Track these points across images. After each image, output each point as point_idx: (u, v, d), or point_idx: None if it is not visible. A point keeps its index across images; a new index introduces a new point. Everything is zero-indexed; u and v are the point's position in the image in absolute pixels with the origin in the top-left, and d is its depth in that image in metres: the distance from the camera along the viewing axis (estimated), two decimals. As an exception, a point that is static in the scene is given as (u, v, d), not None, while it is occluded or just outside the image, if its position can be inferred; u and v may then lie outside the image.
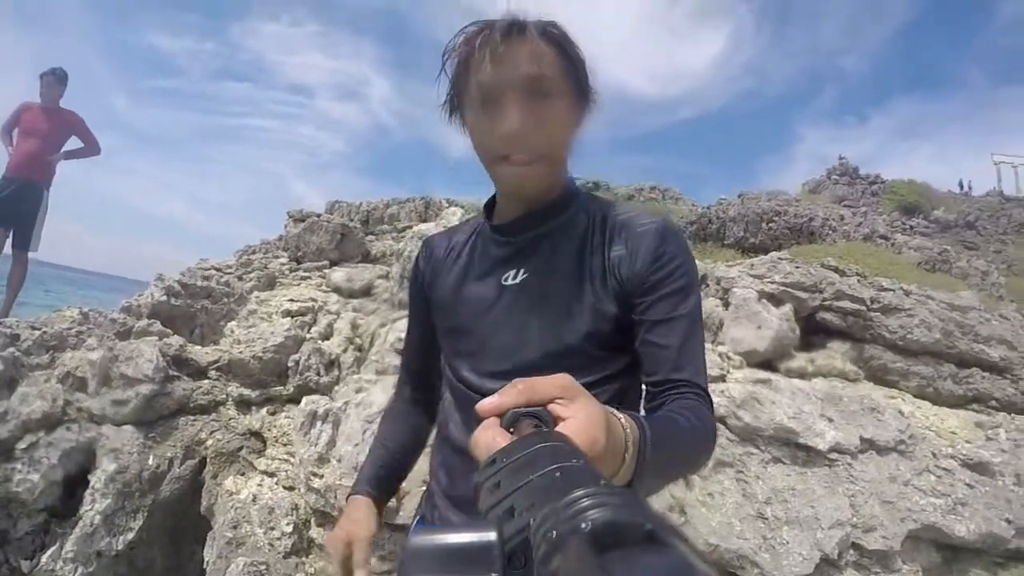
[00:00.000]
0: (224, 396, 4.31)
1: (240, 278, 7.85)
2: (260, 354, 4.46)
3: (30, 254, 6.23)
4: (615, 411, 0.78)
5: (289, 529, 3.29)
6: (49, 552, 3.27)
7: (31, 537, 3.33)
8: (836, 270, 6.99)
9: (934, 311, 6.37)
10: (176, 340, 4.45)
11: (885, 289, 6.61)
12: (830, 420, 3.85)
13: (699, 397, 1.08)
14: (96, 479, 3.50)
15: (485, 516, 0.52)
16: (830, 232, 9.93)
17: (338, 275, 7.01)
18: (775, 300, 6.25)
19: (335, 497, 3.21)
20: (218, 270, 8.27)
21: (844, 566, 3.33)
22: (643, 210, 1.25)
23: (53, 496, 3.47)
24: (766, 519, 3.33)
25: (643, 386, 1.18)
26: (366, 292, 6.77)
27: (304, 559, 3.24)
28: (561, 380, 0.70)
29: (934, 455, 3.95)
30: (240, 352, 4.49)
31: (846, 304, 6.30)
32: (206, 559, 3.34)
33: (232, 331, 5.05)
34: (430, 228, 5.37)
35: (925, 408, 5.43)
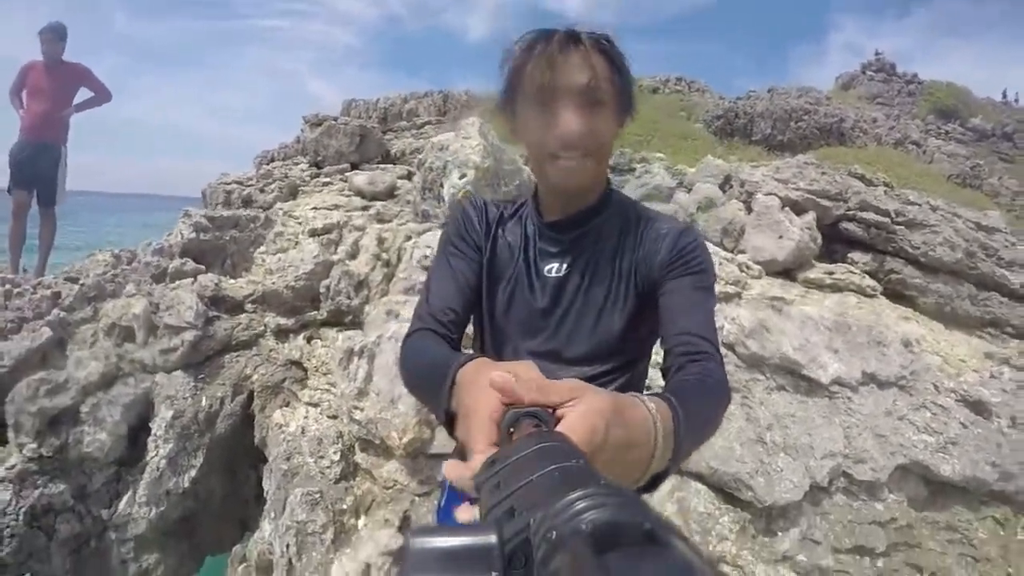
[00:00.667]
0: (262, 327, 4.42)
1: (262, 190, 7.79)
2: (292, 283, 4.53)
3: (56, 208, 6.29)
4: (641, 398, 0.82)
5: (336, 457, 3.48)
6: (124, 499, 3.51)
7: (106, 488, 3.55)
8: (863, 179, 6.83)
9: (959, 230, 6.25)
10: (211, 279, 4.52)
11: (911, 203, 6.45)
12: (835, 352, 3.86)
13: (714, 359, 1.17)
14: (157, 427, 3.68)
15: (485, 517, 0.53)
16: (861, 135, 9.64)
17: (360, 179, 6.95)
18: (798, 208, 6.13)
19: (376, 428, 3.34)
20: (239, 183, 8.19)
21: (833, 492, 3.46)
22: (666, 215, 1.40)
23: (120, 448, 3.65)
24: (765, 444, 3.43)
25: (662, 354, 1.26)
26: (389, 194, 6.73)
27: (352, 482, 3.41)
28: (571, 384, 0.72)
29: (935, 388, 3.98)
30: (273, 283, 4.56)
31: (870, 215, 6.19)
32: (265, 489, 3.57)
33: (263, 259, 5.11)
34: (448, 137, 5.27)
35: (937, 332, 5.42)
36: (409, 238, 5.05)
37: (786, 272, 5.74)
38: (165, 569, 3.54)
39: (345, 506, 3.21)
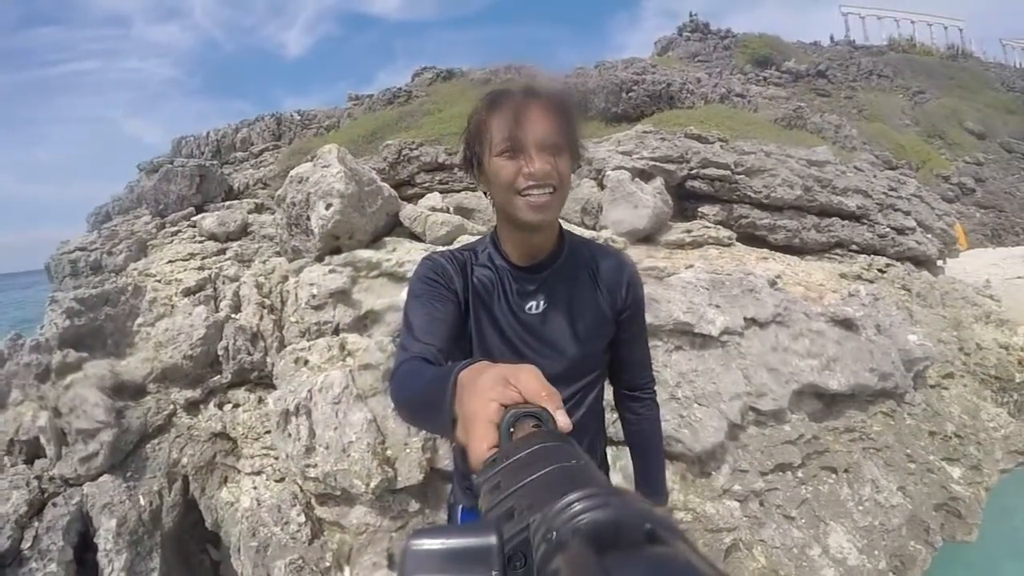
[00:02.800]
0: (171, 405, 4.37)
1: (110, 252, 7.48)
2: (189, 352, 4.52)
3: None
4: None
5: (302, 519, 3.57)
6: None
7: None
8: (699, 138, 7.54)
9: (794, 169, 7.09)
10: (103, 366, 4.39)
11: (747, 152, 7.25)
12: (717, 307, 4.41)
13: (653, 391, 1.86)
14: (103, 540, 3.57)
15: (485, 517, 0.55)
16: (688, 95, 10.45)
17: (209, 222, 6.89)
18: (646, 175, 6.74)
19: (336, 480, 3.47)
20: (83, 249, 7.82)
21: (746, 426, 4.02)
22: (605, 245, 1.77)
23: (74, 574, 3.50)
24: (679, 400, 3.92)
25: (618, 372, 1.81)
26: (242, 231, 6.69)
27: (323, 538, 3.52)
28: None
29: (807, 316, 4.63)
30: (170, 356, 4.53)
31: (712, 171, 6.92)
32: (237, 571, 3.57)
33: (148, 332, 5.00)
34: (306, 168, 5.34)
35: (794, 264, 6.17)
36: (286, 278, 5.13)
37: (647, 238, 6.32)
38: None
39: (328, 563, 3.35)
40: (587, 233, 5.64)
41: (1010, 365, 5.80)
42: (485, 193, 1.53)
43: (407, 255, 4.78)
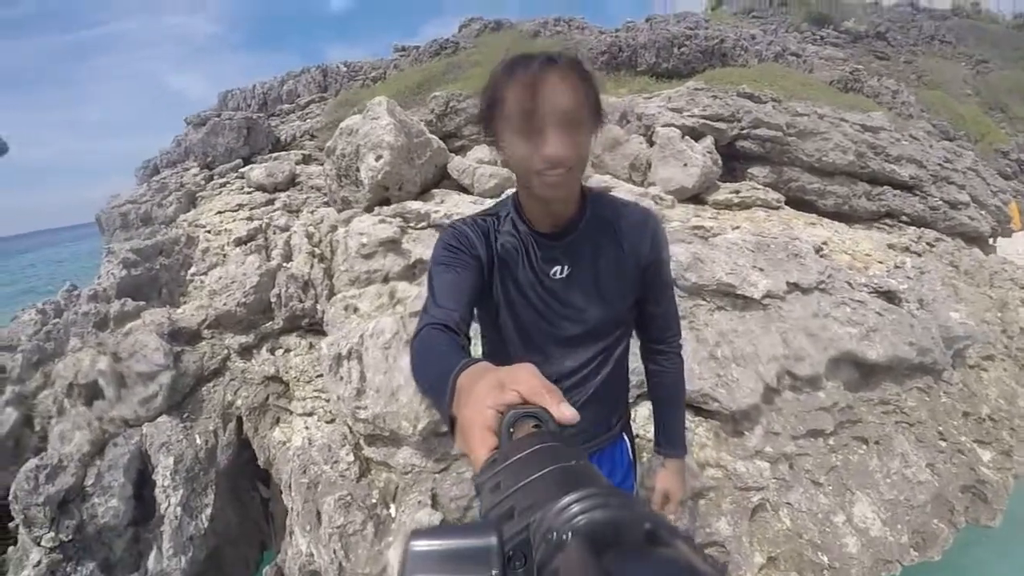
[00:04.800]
0: (225, 350, 4.61)
1: (160, 204, 7.71)
2: (243, 300, 4.74)
3: None
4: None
5: (351, 458, 3.79)
6: (151, 557, 3.63)
7: (128, 553, 3.62)
8: (752, 97, 7.54)
9: (848, 134, 7.10)
10: (160, 314, 4.62)
11: (800, 114, 7.25)
12: (761, 270, 4.55)
13: (678, 344, 1.96)
14: (161, 477, 3.82)
15: (485, 517, 0.56)
16: (742, 53, 10.39)
17: (257, 173, 7.11)
18: (695, 134, 6.83)
19: (385, 422, 3.67)
20: (133, 203, 8.08)
21: (782, 390, 4.18)
22: (629, 203, 1.78)
23: (132, 509, 3.73)
24: (717, 359, 4.09)
25: (646, 328, 1.94)
26: (290, 182, 6.86)
27: (371, 477, 3.75)
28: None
29: (850, 286, 4.75)
30: (224, 303, 4.75)
31: (764, 131, 6.97)
32: (288, 506, 3.80)
33: (201, 281, 5.28)
34: (356, 120, 5.45)
35: (842, 232, 6.24)
36: (335, 228, 5.32)
37: (695, 197, 6.45)
38: (204, 611, 3.73)
39: (374, 500, 3.57)
40: (636, 190, 5.75)
41: (1053, 352, 5.83)
42: (502, 159, 1.56)
43: (455, 207, 4.93)
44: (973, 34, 26.01)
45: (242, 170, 7.68)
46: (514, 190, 1.68)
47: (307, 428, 4.05)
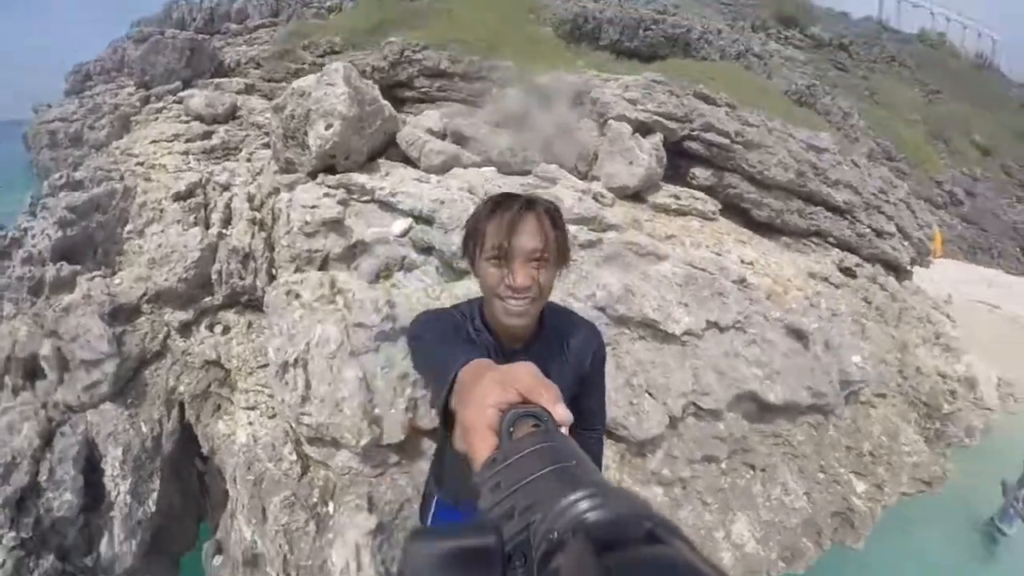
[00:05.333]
0: (165, 328, 4.56)
1: (91, 127, 7.36)
2: (183, 275, 4.68)
3: None
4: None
5: (293, 457, 3.90)
6: (104, 542, 3.66)
7: (80, 536, 3.64)
8: (707, 99, 7.73)
9: (793, 151, 7.37)
10: (99, 287, 4.49)
11: (751, 124, 7.48)
12: (686, 306, 4.81)
13: (602, 430, 2.13)
14: (110, 467, 3.82)
15: (485, 517, 0.56)
16: (706, 46, 10.51)
17: (196, 101, 6.89)
18: (646, 128, 7.01)
19: (327, 431, 3.76)
20: (64, 120, 7.69)
21: (685, 418, 4.50)
22: (579, 321, 1.94)
23: (83, 498, 3.70)
24: (632, 387, 4.36)
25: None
26: (231, 115, 6.66)
27: (311, 475, 3.86)
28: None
29: (765, 320, 5.07)
30: (165, 278, 4.67)
31: (712, 136, 7.20)
32: (232, 496, 3.88)
33: (139, 246, 5.12)
34: (310, 83, 5.35)
35: (769, 253, 6.53)
36: (277, 191, 5.26)
37: (636, 195, 6.65)
38: (157, 586, 3.83)
39: (315, 499, 3.72)
40: (579, 185, 5.84)
41: (941, 395, 6.33)
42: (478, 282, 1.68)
43: (400, 184, 4.97)
44: (932, 63, 26.91)
45: (181, 94, 7.41)
46: (479, 299, 1.78)
47: (251, 424, 4.13)
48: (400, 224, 4.66)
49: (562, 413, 0.77)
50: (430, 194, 4.79)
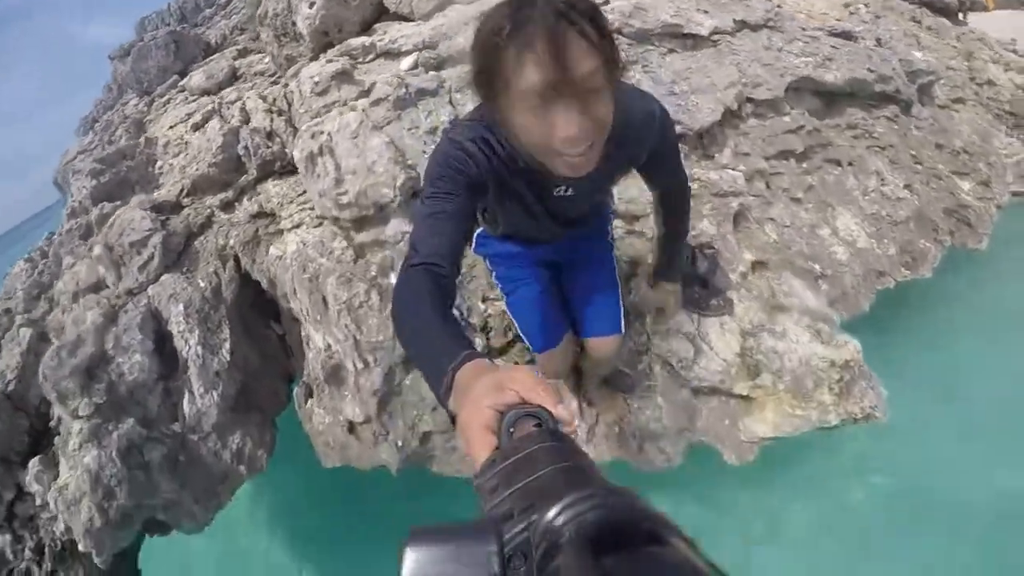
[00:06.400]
0: (209, 209, 4.71)
1: (110, 142, 7.74)
2: (213, 161, 4.85)
3: None
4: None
5: (344, 244, 3.92)
6: (185, 401, 3.79)
7: (164, 407, 3.76)
8: None
9: None
10: (137, 199, 4.74)
11: None
12: (706, 12, 4.66)
13: (685, 181, 2.05)
14: (176, 324, 3.96)
15: (485, 517, 0.57)
16: None
17: (196, 80, 7.04)
18: None
19: (366, 196, 3.78)
20: (84, 152, 8.09)
21: (745, 116, 4.32)
22: (635, 108, 1.59)
23: (157, 364, 3.84)
24: (676, 94, 4.21)
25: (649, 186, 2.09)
26: (233, 77, 6.82)
27: (367, 258, 3.84)
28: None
29: (802, 29, 4.86)
30: (197, 169, 4.88)
31: None
32: (296, 309, 3.99)
33: (171, 166, 5.36)
34: None
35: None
36: (286, 85, 5.35)
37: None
38: (252, 443, 3.90)
39: (374, 272, 3.71)
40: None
41: (1027, 103, 5.82)
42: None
43: (399, 34, 4.96)
44: None
45: (181, 83, 7.60)
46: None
47: (298, 237, 4.17)
48: (407, 60, 4.68)
49: (562, 413, 0.78)
50: (429, 28, 4.75)
